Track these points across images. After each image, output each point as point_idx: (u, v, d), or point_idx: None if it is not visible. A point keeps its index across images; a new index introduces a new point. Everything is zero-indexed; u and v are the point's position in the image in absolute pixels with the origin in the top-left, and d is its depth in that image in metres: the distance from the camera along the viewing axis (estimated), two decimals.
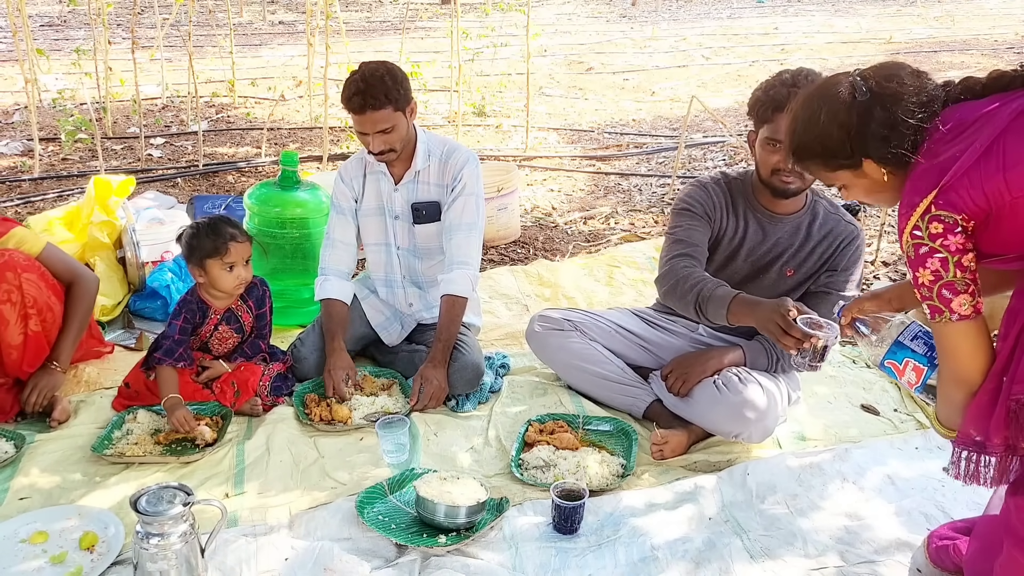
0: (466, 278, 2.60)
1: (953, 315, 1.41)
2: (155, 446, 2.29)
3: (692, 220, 2.35)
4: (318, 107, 6.47)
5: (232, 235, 2.48)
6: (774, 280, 2.37)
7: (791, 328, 1.93)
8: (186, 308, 2.53)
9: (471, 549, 1.92)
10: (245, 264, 2.52)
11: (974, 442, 1.45)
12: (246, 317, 2.62)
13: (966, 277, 1.40)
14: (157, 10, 6.84)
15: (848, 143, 1.49)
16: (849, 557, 1.94)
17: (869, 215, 4.45)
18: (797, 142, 1.59)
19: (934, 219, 1.39)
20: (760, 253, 2.36)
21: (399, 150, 2.55)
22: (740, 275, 2.38)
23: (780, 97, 2.13)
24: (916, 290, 1.45)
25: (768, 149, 2.20)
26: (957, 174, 1.37)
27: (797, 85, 2.10)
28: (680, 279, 2.24)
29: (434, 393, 2.50)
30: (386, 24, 13.35)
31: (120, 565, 1.85)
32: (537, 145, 6.07)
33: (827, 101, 1.51)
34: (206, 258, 2.47)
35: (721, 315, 2.13)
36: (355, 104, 2.44)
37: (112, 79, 5.75)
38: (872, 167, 1.50)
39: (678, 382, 2.37)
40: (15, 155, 5.43)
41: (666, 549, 1.94)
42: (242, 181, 5.00)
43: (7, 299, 2.35)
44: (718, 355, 2.37)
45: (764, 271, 2.37)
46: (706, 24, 13.62)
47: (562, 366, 2.62)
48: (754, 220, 2.35)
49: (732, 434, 2.29)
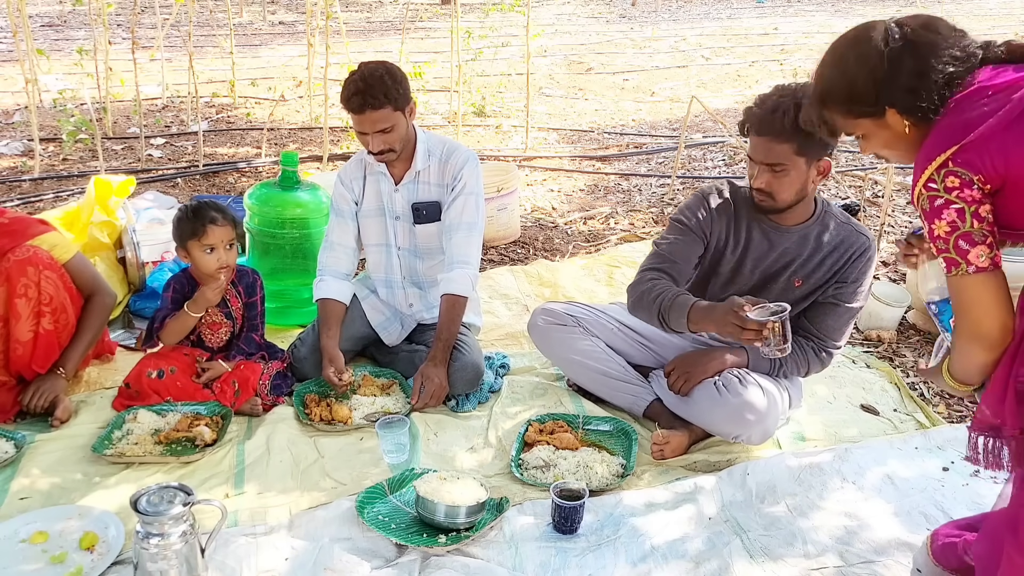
0: (466, 277, 2.60)
1: (970, 267, 1.36)
2: (155, 446, 2.29)
3: (682, 235, 2.33)
4: (318, 107, 6.47)
5: (212, 218, 2.51)
6: (782, 289, 2.34)
7: (747, 323, 1.95)
8: (175, 281, 2.62)
9: (471, 549, 1.92)
10: (227, 247, 2.55)
11: (991, 426, 1.42)
12: (234, 302, 2.64)
13: (983, 228, 1.35)
14: (157, 10, 6.84)
15: (874, 90, 1.43)
16: (849, 557, 1.94)
17: (869, 215, 4.45)
18: (823, 86, 1.52)
19: (950, 174, 1.34)
20: (767, 263, 2.33)
21: (399, 150, 2.55)
22: (749, 285, 2.36)
23: (753, 118, 2.14)
24: (932, 243, 1.40)
25: (749, 164, 2.21)
26: (983, 135, 1.32)
27: (777, 110, 2.08)
28: (644, 291, 2.25)
29: (434, 392, 2.50)
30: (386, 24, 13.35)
31: (120, 565, 1.85)
32: (537, 145, 6.07)
33: (858, 45, 1.46)
34: (187, 240, 2.52)
35: (683, 324, 2.15)
36: (354, 104, 2.44)
37: (112, 79, 5.75)
38: (895, 118, 1.45)
39: (679, 380, 2.36)
40: (15, 155, 5.43)
41: (666, 549, 1.94)
42: (242, 181, 5.00)
43: (23, 293, 2.36)
44: (720, 356, 2.36)
45: (772, 280, 2.35)
46: (706, 24, 13.62)
47: (563, 361, 2.61)
48: (759, 230, 2.32)
49: (732, 435, 2.29)
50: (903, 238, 1.77)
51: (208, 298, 2.55)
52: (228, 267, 2.56)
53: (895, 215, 4.45)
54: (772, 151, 2.11)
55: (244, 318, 2.67)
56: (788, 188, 2.15)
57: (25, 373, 2.46)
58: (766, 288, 2.36)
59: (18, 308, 2.37)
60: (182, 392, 2.50)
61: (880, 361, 2.96)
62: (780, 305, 1.99)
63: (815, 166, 2.14)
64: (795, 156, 2.10)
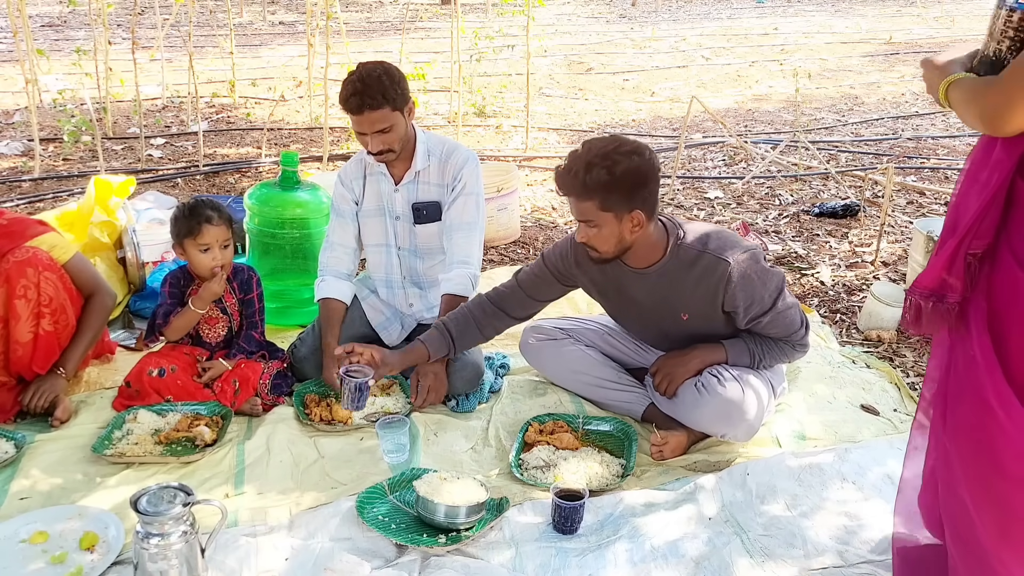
0: (465, 277, 2.60)
1: None
2: (155, 446, 2.29)
3: (542, 272, 2.45)
4: (318, 107, 6.47)
5: (208, 217, 2.52)
6: (675, 324, 2.33)
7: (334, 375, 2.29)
8: (171, 277, 2.64)
9: (471, 549, 1.92)
10: (222, 247, 2.55)
11: (934, 292, 1.46)
12: (229, 298, 2.65)
13: None
14: (157, 10, 6.85)
15: None
16: (849, 557, 1.94)
17: (869, 215, 4.45)
18: None
19: None
20: (646, 304, 2.33)
21: (397, 150, 2.55)
22: (642, 320, 2.43)
23: (557, 179, 2.15)
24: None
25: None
26: None
27: (570, 171, 2.09)
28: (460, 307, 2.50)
29: (432, 386, 2.49)
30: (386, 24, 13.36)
31: (120, 565, 1.85)
32: (537, 145, 6.07)
33: None
34: (183, 238, 2.53)
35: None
36: (352, 104, 2.44)
37: (112, 79, 5.75)
38: None
39: (664, 382, 2.36)
40: (15, 155, 5.44)
41: (666, 549, 1.94)
42: (242, 181, 5.01)
43: (23, 295, 2.37)
44: (700, 355, 2.34)
45: (660, 318, 2.35)
46: (706, 24, 13.62)
47: (558, 375, 2.64)
48: (625, 275, 2.31)
49: (719, 434, 2.30)
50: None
51: (214, 291, 2.56)
52: (224, 265, 2.57)
53: (895, 215, 4.45)
54: (578, 209, 2.14)
55: (241, 315, 2.68)
56: (605, 241, 2.16)
57: (25, 374, 2.46)
58: (661, 324, 2.38)
59: (18, 309, 2.37)
60: (183, 391, 2.50)
61: (880, 361, 2.96)
62: (364, 372, 2.23)
63: (627, 218, 2.12)
64: (601, 212, 2.11)
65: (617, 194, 2.08)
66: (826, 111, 7.34)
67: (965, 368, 1.44)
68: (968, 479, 1.43)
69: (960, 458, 1.45)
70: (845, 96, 7.95)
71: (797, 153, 5.73)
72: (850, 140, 6.31)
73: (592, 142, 2.13)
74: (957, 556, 1.51)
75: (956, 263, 1.42)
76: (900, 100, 7.77)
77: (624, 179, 2.06)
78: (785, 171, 5.34)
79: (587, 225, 2.15)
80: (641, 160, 2.08)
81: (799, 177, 5.22)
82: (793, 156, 5.69)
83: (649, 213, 2.15)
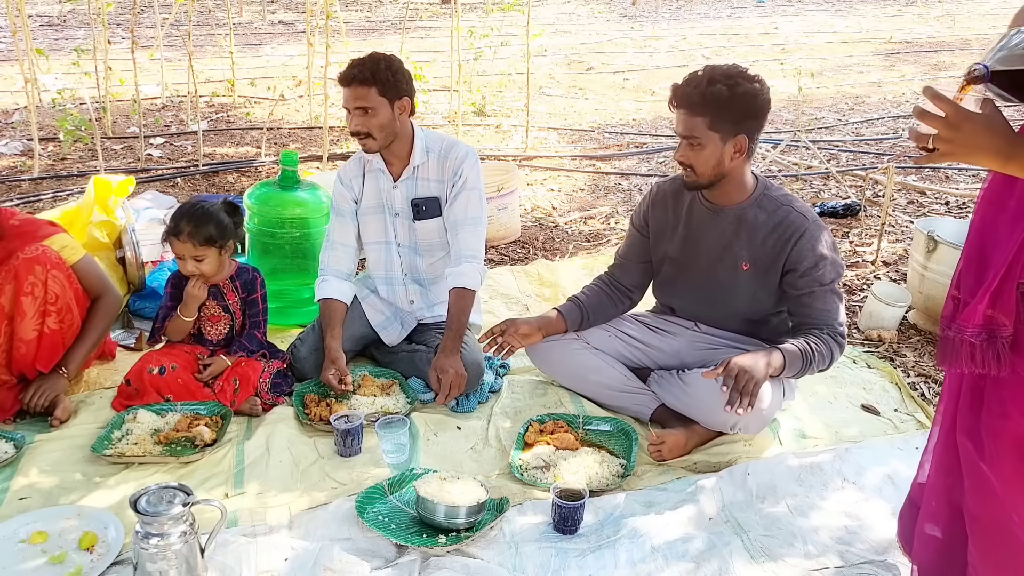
0: (475, 271, 2.61)
1: None
2: (155, 446, 2.29)
3: (629, 235, 2.58)
4: (318, 107, 6.47)
5: (178, 230, 2.49)
6: (731, 274, 2.34)
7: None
8: (173, 277, 2.64)
9: (471, 549, 1.92)
10: (196, 260, 2.51)
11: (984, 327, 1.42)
12: (231, 296, 2.65)
13: None
14: (157, 10, 6.83)
15: None
16: (849, 557, 1.93)
17: (869, 215, 4.45)
18: None
19: None
20: (710, 244, 2.36)
21: (377, 138, 2.55)
22: (698, 268, 2.42)
23: (674, 91, 2.22)
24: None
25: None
26: None
27: (691, 83, 2.17)
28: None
29: (454, 381, 2.49)
30: (386, 24, 13.35)
31: (120, 565, 1.85)
32: (537, 145, 6.07)
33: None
34: (166, 239, 2.56)
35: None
36: (344, 75, 2.51)
37: (112, 79, 5.75)
38: None
39: (749, 384, 2.10)
40: (15, 155, 5.43)
41: (666, 549, 1.94)
42: (242, 181, 5.00)
43: (29, 292, 2.37)
44: (766, 360, 2.18)
45: (719, 263, 2.36)
46: (706, 24, 13.62)
47: (566, 377, 2.63)
48: (698, 211, 2.37)
49: (729, 424, 2.27)
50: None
51: (195, 296, 2.55)
52: (201, 276, 2.54)
53: (895, 215, 4.44)
54: (687, 124, 2.18)
55: (244, 315, 2.67)
56: (705, 162, 2.21)
57: (28, 372, 2.46)
58: (716, 274, 2.38)
59: (24, 306, 2.37)
60: (183, 389, 2.50)
61: (881, 361, 2.95)
62: (355, 417, 2.31)
63: (731, 143, 2.18)
64: (708, 131, 2.16)
65: (730, 114, 2.14)
66: (827, 110, 7.34)
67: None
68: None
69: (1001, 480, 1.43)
70: (846, 95, 7.95)
71: (798, 152, 5.72)
72: (851, 139, 6.31)
73: (716, 65, 2.23)
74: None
75: (1004, 297, 1.40)
76: (901, 99, 7.77)
77: (741, 101, 2.14)
78: (786, 170, 5.34)
79: (690, 143, 2.20)
80: (761, 89, 2.19)
81: (800, 176, 5.22)
82: (794, 155, 5.69)
83: (751, 146, 2.22)
